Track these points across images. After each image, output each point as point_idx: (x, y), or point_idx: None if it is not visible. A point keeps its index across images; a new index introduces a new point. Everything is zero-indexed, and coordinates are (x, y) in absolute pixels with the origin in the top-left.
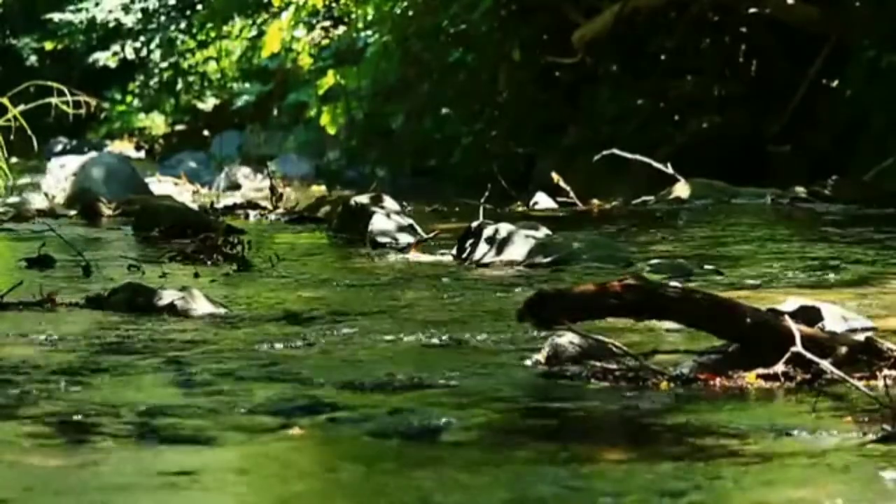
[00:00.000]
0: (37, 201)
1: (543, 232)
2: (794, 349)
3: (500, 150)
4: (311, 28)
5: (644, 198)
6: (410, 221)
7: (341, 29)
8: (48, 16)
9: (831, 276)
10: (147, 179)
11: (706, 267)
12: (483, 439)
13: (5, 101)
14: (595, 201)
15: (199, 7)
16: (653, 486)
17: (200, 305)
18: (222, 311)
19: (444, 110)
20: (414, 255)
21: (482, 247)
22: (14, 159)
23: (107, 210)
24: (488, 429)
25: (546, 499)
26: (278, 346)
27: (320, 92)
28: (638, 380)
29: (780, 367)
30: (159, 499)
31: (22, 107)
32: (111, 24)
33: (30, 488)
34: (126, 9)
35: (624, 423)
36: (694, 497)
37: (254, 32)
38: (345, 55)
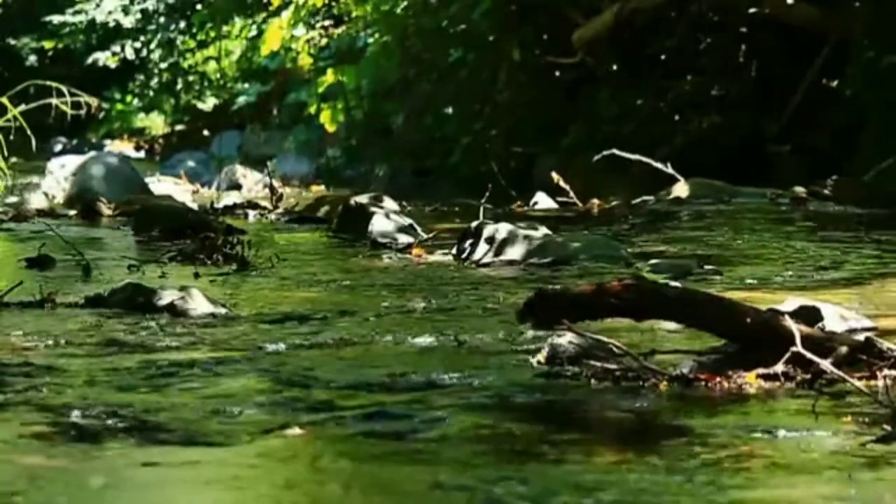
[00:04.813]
0: (37, 201)
1: (543, 232)
2: (794, 349)
3: (500, 150)
4: (310, 27)
5: (644, 198)
6: (410, 221)
7: (341, 28)
8: (47, 18)
9: (831, 276)
10: (147, 179)
11: (706, 267)
12: (482, 439)
13: (5, 101)
14: (595, 201)
15: (199, 7)
16: (652, 486)
17: (200, 305)
18: (222, 310)
19: (444, 110)
20: (414, 256)
21: (482, 247)
22: (14, 159)
23: (107, 210)
24: (488, 429)
25: (545, 499)
26: (278, 346)
27: (320, 90)
28: (638, 380)
29: (780, 367)
30: (159, 499)
31: (22, 107)
32: (111, 25)
33: (29, 488)
34: (126, 10)
35: (624, 424)
36: (693, 497)
37: (253, 32)
38: (345, 55)
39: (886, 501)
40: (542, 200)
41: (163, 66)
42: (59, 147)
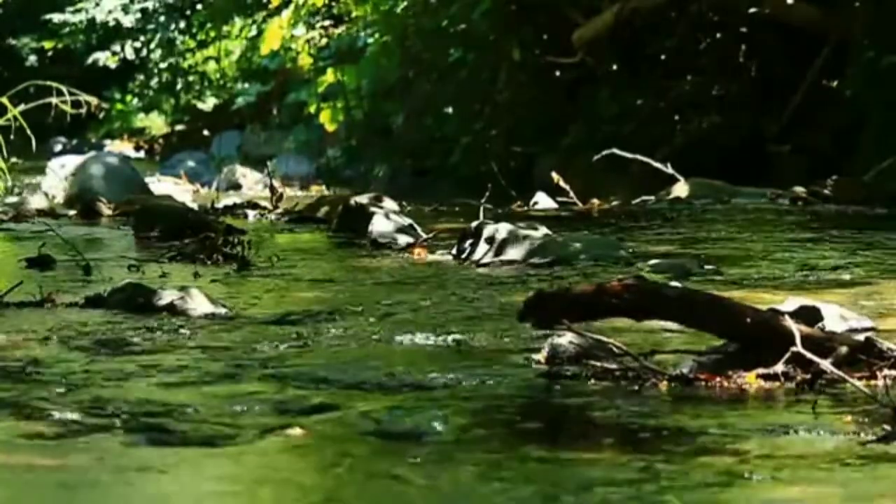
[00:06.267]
0: (37, 201)
1: (543, 232)
2: (793, 349)
3: (500, 150)
4: (310, 27)
5: (644, 198)
6: (410, 221)
7: (341, 28)
8: (47, 17)
9: (831, 276)
10: (147, 179)
11: (706, 267)
12: (483, 439)
13: (5, 101)
14: (595, 201)
15: (199, 7)
16: (652, 486)
17: (200, 305)
18: (222, 310)
19: (444, 110)
20: (414, 256)
21: (482, 247)
22: (14, 159)
23: (107, 210)
24: (488, 429)
25: (545, 499)
26: (278, 346)
27: (320, 90)
28: (638, 380)
29: (780, 367)
30: (158, 500)
31: (22, 107)
32: (111, 24)
33: (28, 489)
34: (125, 9)
35: (623, 424)
36: (694, 497)
37: (253, 32)
38: (345, 55)
39: (886, 502)
40: (542, 200)
41: (163, 66)
42: (59, 147)
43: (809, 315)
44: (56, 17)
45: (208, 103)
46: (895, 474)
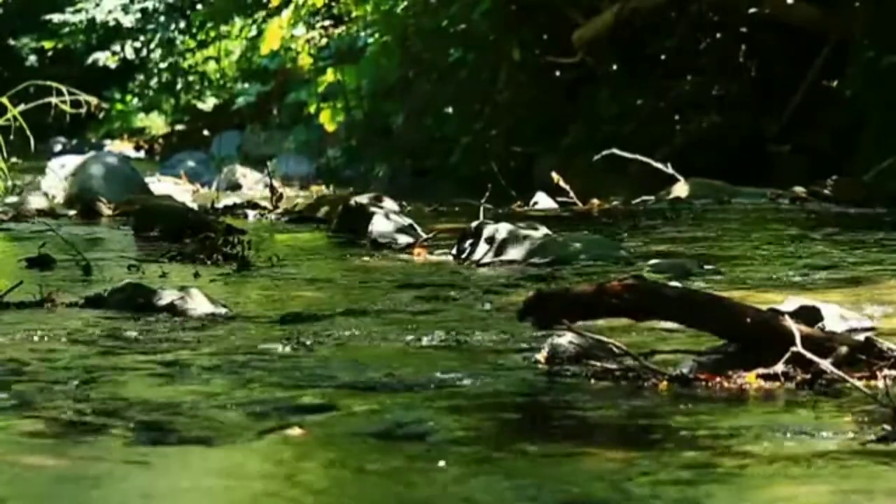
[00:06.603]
0: (37, 201)
1: (543, 232)
2: (794, 349)
3: (500, 150)
4: (310, 27)
5: (644, 197)
6: (410, 221)
7: (341, 28)
8: (47, 17)
9: (831, 276)
10: (147, 179)
11: (706, 267)
12: (482, 439)
13: (5, 101)
14: (595, 201)
15: (199, 7)
16: (651, 486)
17: (200, 305)
18: (222, 310)
19: (444, 110)
20: (414, 256)
21: (482, 247)
22: (14, 159)
23: (107, 210)
24: (488, 429)
25: (544, 499)
26: (278, 346)
27: (320, 90)
28: (638, 380)
29: (780, 367)
30: (157, 498)
31: (22, 107)
32: (111, 24)
33: (28, 488)
34: (125, 9)
35: (623, 424)
36: (693, 498)
37: (253, 32)
38: (345, 55)
39: (886, 502)
40: (542, 200)
41: (163, 66)
42: (58, 147)
43: (809, 315)
44: (56, 17)
45: (208, 103)
46: (895, 474)
